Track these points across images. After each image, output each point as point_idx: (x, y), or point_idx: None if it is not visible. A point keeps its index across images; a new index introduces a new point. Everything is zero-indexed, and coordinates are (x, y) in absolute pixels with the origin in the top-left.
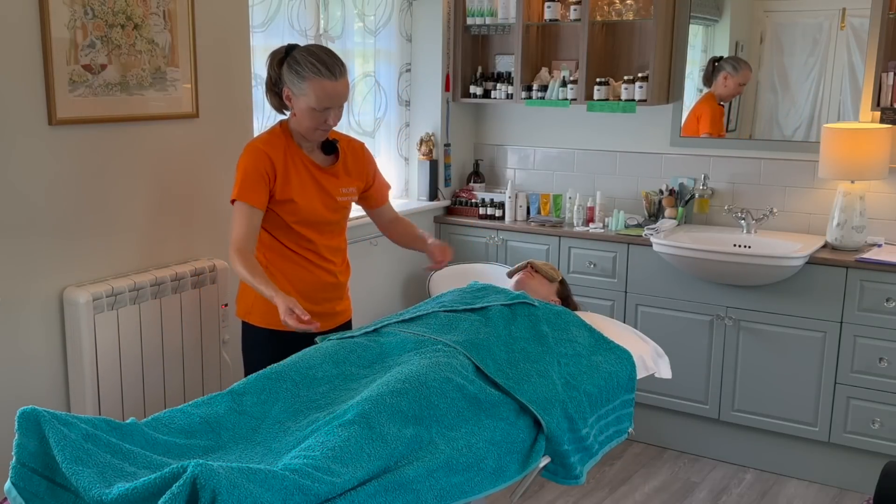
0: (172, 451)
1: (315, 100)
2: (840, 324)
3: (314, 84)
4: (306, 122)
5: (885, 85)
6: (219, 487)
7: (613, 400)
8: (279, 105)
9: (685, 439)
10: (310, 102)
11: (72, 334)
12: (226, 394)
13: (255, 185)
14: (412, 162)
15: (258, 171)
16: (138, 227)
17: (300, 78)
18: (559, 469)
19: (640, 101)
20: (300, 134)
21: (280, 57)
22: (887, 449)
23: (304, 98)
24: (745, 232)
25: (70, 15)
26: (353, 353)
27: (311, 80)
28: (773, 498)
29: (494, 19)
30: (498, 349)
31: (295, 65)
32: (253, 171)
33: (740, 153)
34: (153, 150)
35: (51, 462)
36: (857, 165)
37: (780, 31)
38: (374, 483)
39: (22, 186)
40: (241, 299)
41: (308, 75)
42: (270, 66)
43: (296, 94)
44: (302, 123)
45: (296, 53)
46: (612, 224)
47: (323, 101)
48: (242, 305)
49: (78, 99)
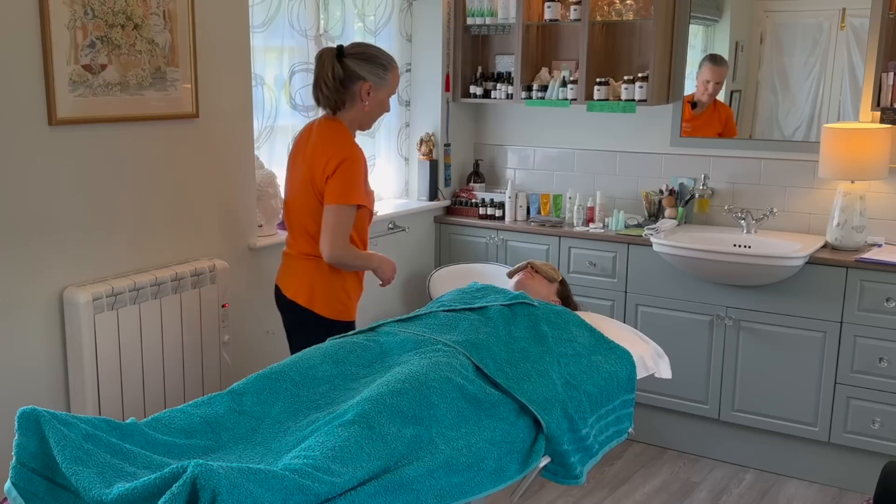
0: (172, 452)
1: (394, 87)
2: (840, 324)
3: (395, 73)
4: (377, 112)
5: (885, 85)
6: (219, 487)
7: (613, 400)
8: (339, 103)
9: (685, 439)
10: (391, 91)
11: (72, 334)
12: (226, 394)
13: (367, 190)
14: (412, 162)
15: (366, 175)
16: (138, 227)
17: (384, 69)
18: (559, 469)
19: (640, 101)
20: (354, 128)
21: (334, 55)
22: (887, 449)
23: (386, 88)
24: (745, 232)
25: (70, 15)
26: (353, 353)
27: (393, 70)
28: (773, 498)
29: (494, 19)
30: (498, 349)
31: (374, 58)
32: (366, 176)
33: (740, 153)
34: (153, 150)
35: (51, 462)
36: (857, 165)
37: (780, 31)
38: (374, 483)
39: (22, 186)
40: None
41: (390, 66)
42: (331, 65)
43: (378, 86)
44: (372, 114)
45: (364, 50)
46: (612, 224)
47: (396, 88)
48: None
49: (78, 99)
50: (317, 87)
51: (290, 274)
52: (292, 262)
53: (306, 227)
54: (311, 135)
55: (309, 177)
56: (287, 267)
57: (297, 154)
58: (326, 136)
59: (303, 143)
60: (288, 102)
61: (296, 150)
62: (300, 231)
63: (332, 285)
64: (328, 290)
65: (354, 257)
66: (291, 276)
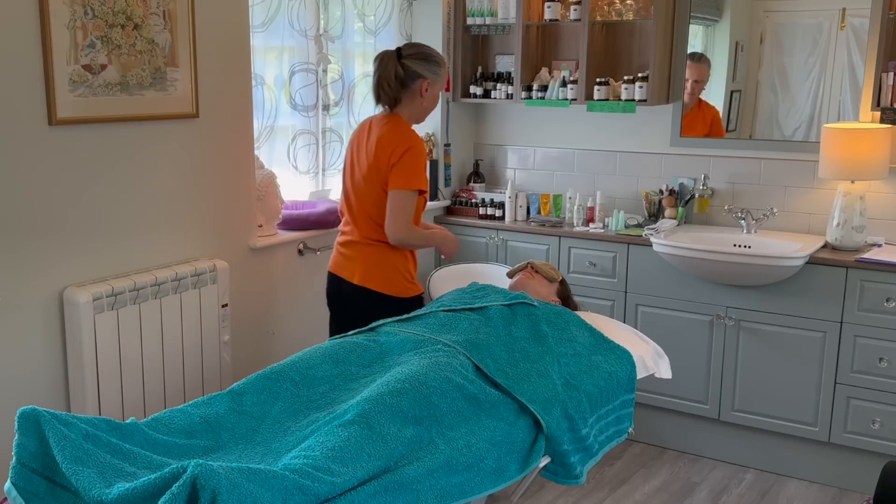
0: (172, 452)
1: (445, 83)
2: (840, 324)
3: (445, 69)
4: (431, 105)
5: (885, 85)
6: (219, 487)
7: (613, 400)
8: (398, 100)
9: (685, 439)
10: (442, 86)
11: (72, 334)
12: (226, 394)
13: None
14: None
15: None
16: (138, 227)
17: (438, 66)
18: (559, 469)
19: (640, 101)
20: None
21: (395, 57)
22: (887, 449)
23: (440, 84)
24: (745, 232)
25: (70, 15)
26: (353, 353)
27: (444, 67)
28: (773, 498)
29: (494, 19)
30: (498, 349)
31: (431, 57)
32: (426, 165)
33: (740, 153)
34: (153, 150)
35: (51, 462)
36: (857, 165)
37: (780, 31)
38: (374, 483)
39: (22, 186)
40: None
41: (442, 63)
42: (394, 66)
43: (434, 82)
44: (428, 108)
45: (421, 50)
46: (612, 224)
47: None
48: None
49: (78, 99)
50: (379, 86)
51: (359, 261)
52: (359, 250)
53: (371, 215)
54: (370, 129)
55: (374, 168)
56: (351, 255)
57: (358, 148)
58: (390, 129)
59: (363, 137)
60: (288, 102)
61: (357, 145)
62: (364, 218)
63: (399, 265)
64: (398, 271)
65: (419, 237)
66: (360, 262)
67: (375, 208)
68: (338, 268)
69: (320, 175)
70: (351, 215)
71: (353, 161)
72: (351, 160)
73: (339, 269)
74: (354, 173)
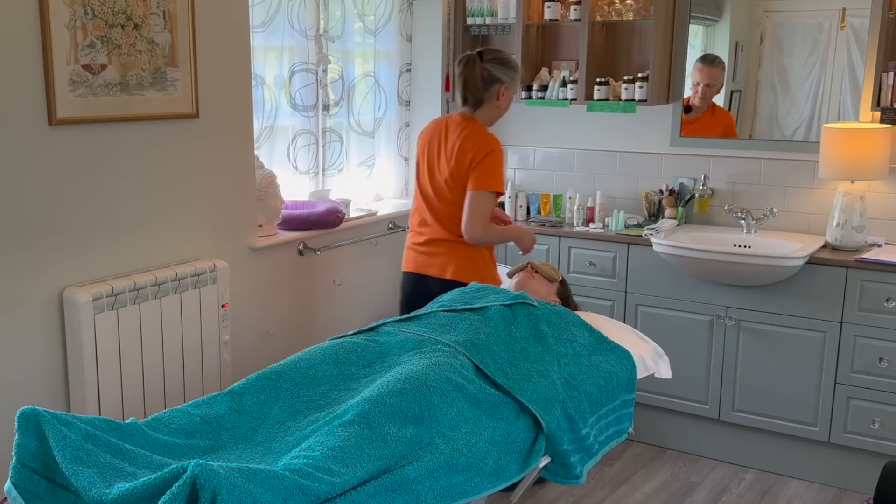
0: (172, 452)
1: (517, 89)
2: (840, 324)
3: (519, 75)
4: (505, 109)
5: (885, 85)
6: (219, 487)
7: (613, 400)
8: (480, 102)
9: (685, 439)
10: (516, 92)
11: (72, 334)
12: (226, 394)
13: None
14: (412, 162)
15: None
16: (138, 227)
17: (515, 72)
18: (559, 469)
19: (640, 101)
20: (487, 124)
21: (479, 60)
22: (887, 449)
23: (514, 88)
24: (745, 232)
25: (70, 15)
26: (353, 353)
27: (519, 72)
28: (773, 498)
29: (494, 19)
30: (498, 349)
31: (508, 63)
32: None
33: (740, 153)
34: (153, 150)
35: (51, 462)
36: (857, 165)
37: (780, 31)
38: (374, 483)
39: (22, 186)
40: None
41: (518, 69)
42: (480, 69)
43: (510, 87)
44: (501, 112)
45: (499, 55)
46: (612, 224)
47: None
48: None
49: (78, 99)
50: (466, 88)
51: (448, 256)
52: (447, 247)
53: (456, 215)
54: (447, 131)
55: (455, 169)
56: (437, 252)
57: (437, 150)
58: (470, 133)
59: (439, 137)
60: (288, 102)
61: (431, 146)
62: (449, 218)
63: (487, 259)
64: (486, 264)
65: (495, 235)
66: (451, 258)
67: (460, 208)
68: (420, 267)
69: (320, 175)
70: (433, 215)
71: (432, 163)
72: (428, 162)
73: (423, 267)
74: (434, 175)
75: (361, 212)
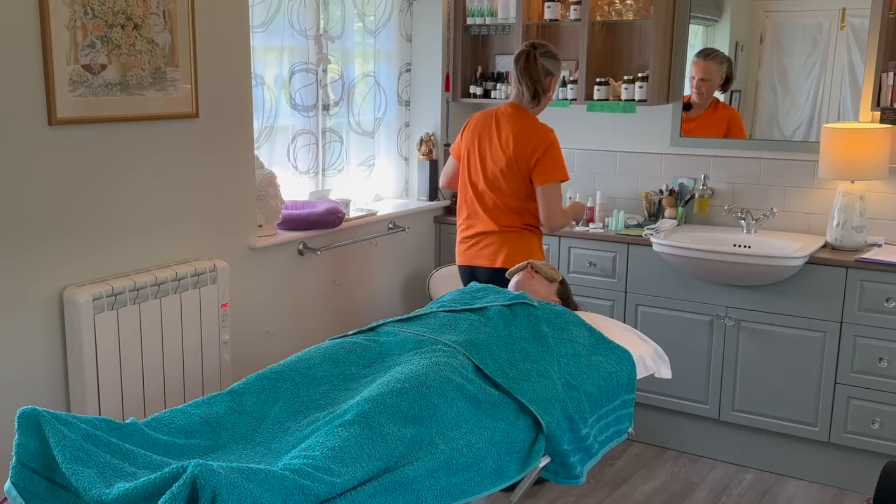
0: (172, 452)
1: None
2: (840, 324)
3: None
4: (552, 97)
5: (885, 85)
6: (219, 487)
7: (613, 400)
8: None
9: (685, 439)
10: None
11: (72, 334)
12: (226, 394)
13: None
14: (412, 162)
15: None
16: (138, 226)
17: (560, 64)
18: (559, 469)
19: (640, 101)
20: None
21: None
22: (887, 449)
23: (559, 77)
24: (745, 232)
25: (70, 15)
26: (353, 353)
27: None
28: (773, 498)
29: (494, 19)
30: (498, 349)
31: (556, 55)
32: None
33: (740, 153)
34: (153, 150)
35: (51, 462)
36: (857, 165)
37: (780, 31)
38: (374, 483)
39: (22, 186)
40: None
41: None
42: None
43: (556, 79)
44: (548, 103)
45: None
46: (612, 224)
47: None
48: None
49: (78, 99)
50: (531, 82)
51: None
52: (502, 238)
53: (510, 206)
54: (498, 123)
55: (514, 163)
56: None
57: (489, 142)
58: (525, 125)
59: (490, 130)
60: (288, 102)
61: (481, 138)
62: (503, 209)
63: (531, 248)
64: (531, 252)
65: (568, 219)
66: (504, 247)
67: (515, 199)
68: (471, 259)
69: (320, 175)
70: (482, 208)
71: (483, 155)
72: (479, 155)
73: (473, 259)
74: (487, 167)
75: (361, 212)
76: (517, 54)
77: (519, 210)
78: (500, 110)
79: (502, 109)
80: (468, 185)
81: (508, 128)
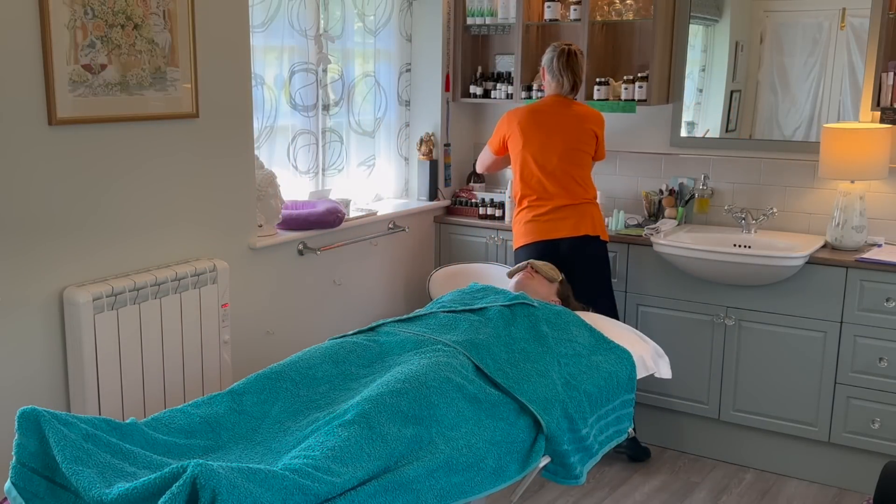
0: (172, 451)
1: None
2: (840, 324)
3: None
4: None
5: (885, 85)
6: (219, 487)
7: (613, 400)
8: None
9: (685, 439)
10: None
11: (72, 334)
12: (226, 394)
13: None
14: (412, 162)
15: None
16: (138, 226)
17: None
18: (559, 469)
19: (640, 101)
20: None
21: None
22: (887, 449)
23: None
24: (745, 232)
25: (70, 15)
26: (353, 353)
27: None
28: (773, 498)
29: (494, 19)
30: (498, 349)
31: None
32: None
33: (740, 153)
34: (153, 150)
35: (51, 462)
36: (857, 165)
37: (780, 31)
38: (374, 483)
39: (22, 186)
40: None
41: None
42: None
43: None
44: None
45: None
46: (612, 224)
47: None
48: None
49: (78, 99)
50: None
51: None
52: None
53: (578, 179)
54: (557, 111)
55: (575, 143)
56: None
57: (549, 128)
58: (581, 112)
59: (549, 118)
60: (288, 102)
61: (543, 125)
62: (574, 184)
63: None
64: (601, 220)
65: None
66: (579, 218)
67: (581, 171)
68: (549, 232)
69: (320, 175)
70: (555, 185)
71: (546, 140)
72: (541, 140)
73: (552, 232)
74: (556, 148)
75: (361, 212)
76: (557, 52)
77: (584, 183)
78: (548, 102)
79: (549, 101)
80: (535, 169)
81: (572, 114)
